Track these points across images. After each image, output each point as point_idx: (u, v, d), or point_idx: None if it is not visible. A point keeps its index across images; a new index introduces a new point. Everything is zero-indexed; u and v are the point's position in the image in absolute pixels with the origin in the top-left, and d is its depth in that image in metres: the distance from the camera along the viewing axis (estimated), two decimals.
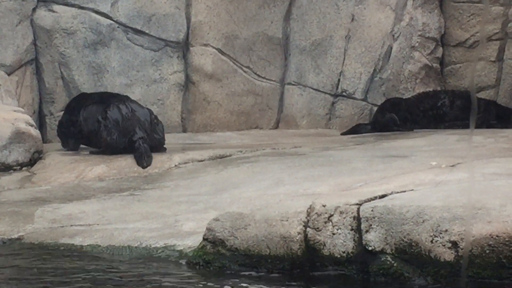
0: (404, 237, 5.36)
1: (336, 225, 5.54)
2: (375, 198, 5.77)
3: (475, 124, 11.07)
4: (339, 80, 12.50)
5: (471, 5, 12.81)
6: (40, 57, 11.44)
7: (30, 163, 9.49)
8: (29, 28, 11.34)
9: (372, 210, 5.49)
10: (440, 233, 5.26)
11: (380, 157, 8.76)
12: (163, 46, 11.77)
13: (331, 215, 5.57)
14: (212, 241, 5.93)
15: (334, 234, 5.53)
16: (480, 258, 5.16)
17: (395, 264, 5.40)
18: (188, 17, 11.89)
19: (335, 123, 12.51)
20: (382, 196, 5.84)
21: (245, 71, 12.15)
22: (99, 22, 11.52)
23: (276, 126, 12.41)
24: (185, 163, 9.30)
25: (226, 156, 9.53)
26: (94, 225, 7.08)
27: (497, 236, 5.13)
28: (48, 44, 11.40)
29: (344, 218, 5.54)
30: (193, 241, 6.24)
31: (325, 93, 12.49)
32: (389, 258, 5.41)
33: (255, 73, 12.20)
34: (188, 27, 11.88)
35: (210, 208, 7.23)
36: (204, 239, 5.99)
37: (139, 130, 9.63)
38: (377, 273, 5.43)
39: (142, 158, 9.31)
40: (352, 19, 12.50)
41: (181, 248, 6.26)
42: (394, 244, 5.39)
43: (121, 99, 10.08)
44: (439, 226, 5.28)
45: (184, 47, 11.90)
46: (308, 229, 5.60)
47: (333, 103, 12.53)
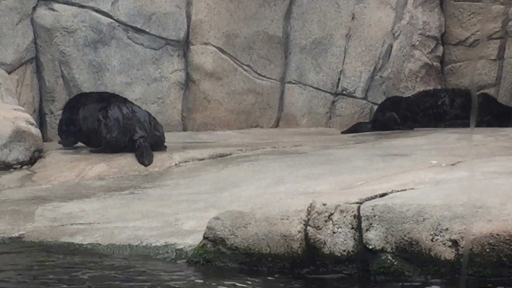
0: (405, 236, 5.36)
1: (337, 224, 5.54)
2: (376, 197, 5.77)
3: (476, 122, 11.07)
4: (340, 79, 12.50)
5: (472, 4, 12.80)
6: (41, 56, 11.44)
7: (31, 162, 9.48)
8: (30, 27, 11.33)
9: (373, 209, 5.49)
10: (441, 232, 5.26)
11: (381, 156, 8.76)
12: (164, 45, 11.77)
13: (332, 214, 5.57)
14: (213, 240, 5.93)
15: (335, 233, 5.53)
16: (481, 257, 5.17)
17: (396, 263, 5.40)
18: (189, 16, 11.88)
19: (336, 122, 12.50)
20: (383, 195, 5.84)
21: (246, 70, 12.15)
22: (100, 21, 11.52)
23: (277, 125, 12.41)
24: (186, 162, 9.30)
25: (227, 155, 9.53)
26: (95, 224, 7.08)
27: (498, 235, 5.13)
28: (49, 43, 11.39)
29: (345, 217, 5.54)
30: (194, 240, 6.23)
31: (326, 92, 12.48)
32: (390, 257, 5.41)
33: (256, 72, 12.20)
34: (189, 26, 11.87)
35: (211, 207, 7.23)
36: (205, 238, 5.98)
37: (140, 130, 9.63)
38: (378, 272, 5.43)
39: (143, 156, 9.32)
40: (353, 18, 12.49)
41: (182, 247, 6.25)
42: (395, 243, 5.39)
43: (122, 100, 10.10)
44: (440, 225, 5.28)
45: (185, 46, 11.90)
46: (309, 228, 5.60)
47: (334, 102, 12.52)
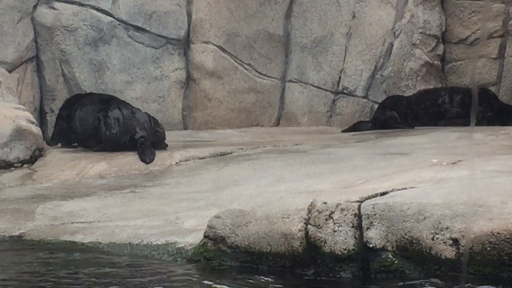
0: (405, 234, 5.35)
1: (337, 222, 5.53)
2: (376, 196, 5.77)
3: (476, 119, 11.07)
4: (340, 78, 12.50)
5: (472, 3, 12.80)
6: (41, 55, 11.44)
7: (31, 161, 9.49)
8: (30, 26, 11.34)
9: (373, 208, 5.49)
10: (441, 230, 5.26)
11: (381, 155, 8.76)
12: (164, 44, 11.77)
13: (332, 212, 5.57)
14: (213, 238, 5.93)
15: (335, 231, 5.53)
16: (481, 255, 5.16)
17: (396, 261, 5.39)
18: (189, 14, 11.88)
19: (336, 121, 12.50)
20: (383, 194, 5.84)
21: (246, 69, 12.15)
22: (100, 20, 11.52)
23: (277, 124, 12.41)
24: (186, 161, 9.30)
25: (227, 154, 9.53)
26: (95, 222, 7.08)
27: (498, 233, 5.12)
28: (49, 42, 11.40)
29: (345, 215, 5.54)
30: (194, 238, 6.23)
31: (326, 91, 12.48)
32: (390, 255, 5.40)
33: (256, 71, 12.20)
34: (189, 25, 11.87)
35: (211, 206, 7.23)
36: (205, 237, 5.98)
37: (140, 130, 9.65)
38: (378, 271, 5.42)
39: (145, 154, 9.33)
40: (353, 17, 12.49)
41: (182, 246, 6.25)
42: (395, 241, 5.38)
43: (121, 102, 10.13)
44: (440, 224, 5.28)
45: (185, 45, 11.90)
46: (309, 226, 5.60)
47: (334, 101, 12.52)
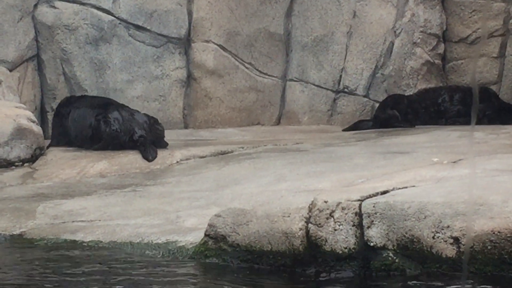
0: (406, 233, 5.35)
1: (338, 221, 5.53)
2: (377, 194, 5.76)
3: (477, 118, 11.06)
4: (341, 77, 12.49)
5: (473, 2, 12.79)
6: (42, 53, 11.44)
7: (32, 159, 9.49)
8: (31, 24, 11.34)
9: (374, 206, 5.49)
10: (442, 229, 5.26)
11: (382, 154, 8.76)
12: (165, 42, 11.76)
13: (333, 211, 5.57)
14: (214, 237, 5.93)
15: (336, 230, 5.52)
16: (482, 254, 5.16)
17: (397, 260, 5.39)
18: (190, 13, 11.88)
19: (337, 120, 12.50)
20: (384, 192, 5.83)
21: (247, 67, 12.14)
22: (101, 19, 11.52)
23: (278, 122, 12.41)
24: (187, 159, 9.30)
25: (228, 152, 9.53)
26: (96, 221, 7.09)
27: (499, 232, 5.12)
28: (50, 40, 11.40)
29: (346, 214, 5.54)
30: (195, 237, 6.23)
31: (327, 90, 12.48)
32: (391, 254, 5.40)
33: (257, 69, 12.19)
34: (190, 23, 11.87)
35: (212, 204, 7.23)
36: (206, 235, 5.98)
37: (139, 130, 9.66)
38: (379, 269, 5.42)
39: (147, 152, 9.33)
40: (354, 16, 12.49)
41: (183, 244, 6.25)
42: (396, 240, 5.38)
43: (119, 104, 10.16)
44: (441, 222, 5.27)
45: (186, 43, 11.89)
46: (310, 225, 5.60)
47: (335, 100, 12.52)
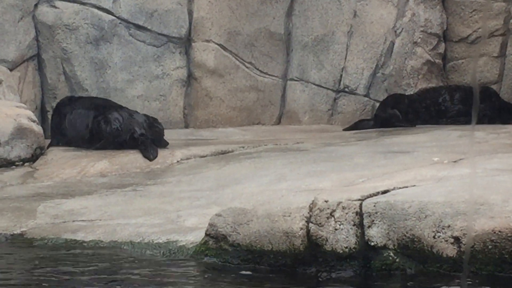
0: (407, 233, 5.35)
1: (339, 221, 5.53)
2: (377, 194, 5.76)
3: (477, 118, 11.06)
4: (341, 76, 12.49)
5: (473, 1, 12.79)
6: (42, 53, 11.44)
7: (32, 159, 9.49)
8: (31, 24, 11.34)
9: (375, 206, 5.49)
10: (443, 229, 5.26)
11: (382, 153, 8.76)
12: (165, 42, 11.76)
13: (334, 211, 5.57)
14: (214, 237, 5.92)
15: (337, 230, 5.52)
16: (483, 254, 5.16)
17: (398, 260, 5.39)
18: (190, 13, 11.88)
19: (337, 119, 12.50)
20: (384, 192, 5.83)
21: (247, 67, 12.14)
22: (101, 18, 11.52)
23: (278, 122, 12.41)
24: (187, 159, 9.30)
25: (228, 152, 9.53)
26: (96, 221, 7.08)
27: (500, 232, 5.12)
28: (50, 40, 11.40)
29: (347, 214, 5.54)
30: (195, 237, 6.23)
31: (327, 89, 12.48)
32: (392, 254, 5.40)
33: (257, 69, 12.19)
34: (190, 23, 11.87)
35: (212, 204, 7.23)
36: (206, 235, 5.98)
37: (139, 129, 9.67)
38: (379, 269, 5.42)
39: (148, 151, 9.34)
40: (354, 15, 12.49)
41: (183, 244, 6.25)
42: (397, 240, 5.38)
43: (118, 105, 10.18)
44: (442, 222, 5.27)
45: (186, 43, 11.89)
46: (311, 225, 5.60)
47: (335, 99, 12.52)
